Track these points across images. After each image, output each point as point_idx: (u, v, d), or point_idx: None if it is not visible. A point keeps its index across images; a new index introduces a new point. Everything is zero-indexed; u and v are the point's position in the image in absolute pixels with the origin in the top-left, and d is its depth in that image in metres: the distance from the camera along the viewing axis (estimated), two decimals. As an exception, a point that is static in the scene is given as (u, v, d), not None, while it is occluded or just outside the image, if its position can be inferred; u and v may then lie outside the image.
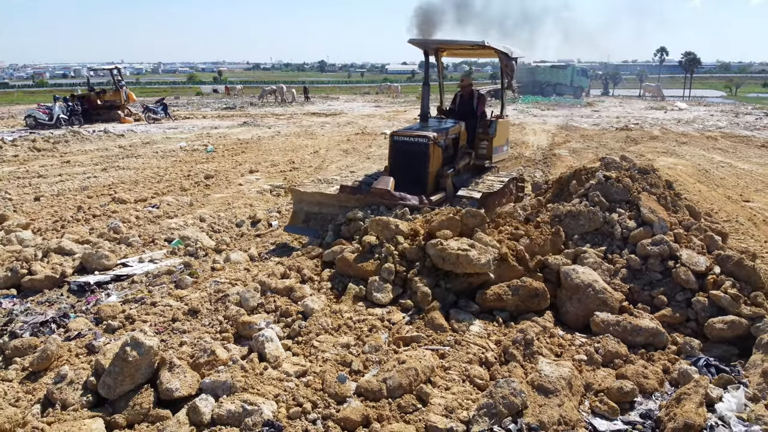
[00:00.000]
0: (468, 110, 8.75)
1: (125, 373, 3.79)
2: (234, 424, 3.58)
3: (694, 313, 5.02)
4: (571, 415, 3.85)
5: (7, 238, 7.43)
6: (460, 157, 8.26)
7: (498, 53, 8.29)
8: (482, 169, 8.72)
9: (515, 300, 5.13)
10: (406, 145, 7.52)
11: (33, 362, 4.41)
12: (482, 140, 8.68)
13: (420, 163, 7.40)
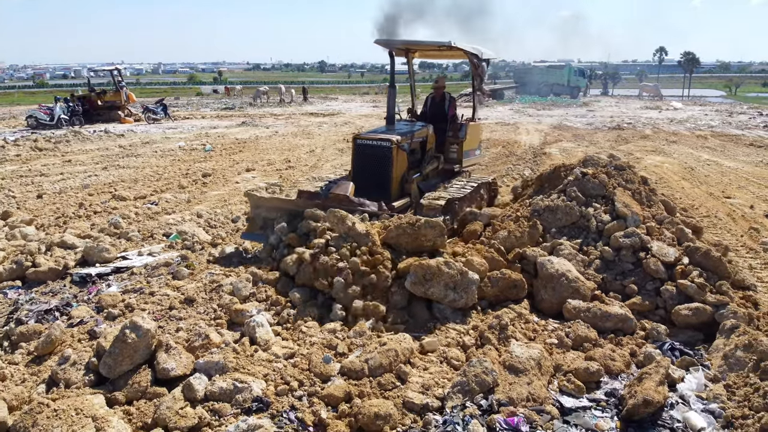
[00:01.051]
0: (439, 113, 8.53)
1: (124, 354, 4.08)
2: (225, 400, 3.87)
3: (662, 301, 5.31)
4: (539, 392, 4.13)
5: (11, 233, 7.72)
6: (428, 161, 8.02)
7: (467, 54, 8.10)
8: (452, 173, 8.49)
9: (494, 291, 5.42)
10: (369, 149, 7.28)
11: (38, 347, 4.69)
12: (452, 144, 8.45)
13: (383, 168, 7.17)
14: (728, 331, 4.76)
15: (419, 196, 7.42)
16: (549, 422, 3.91)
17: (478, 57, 8.21)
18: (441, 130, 8.37)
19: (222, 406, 3.82)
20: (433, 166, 8.17)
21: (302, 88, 48.71)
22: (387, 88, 8.23)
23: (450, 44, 7.67)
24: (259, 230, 6.72)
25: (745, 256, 7.02)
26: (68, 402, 3.64)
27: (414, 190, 7.52)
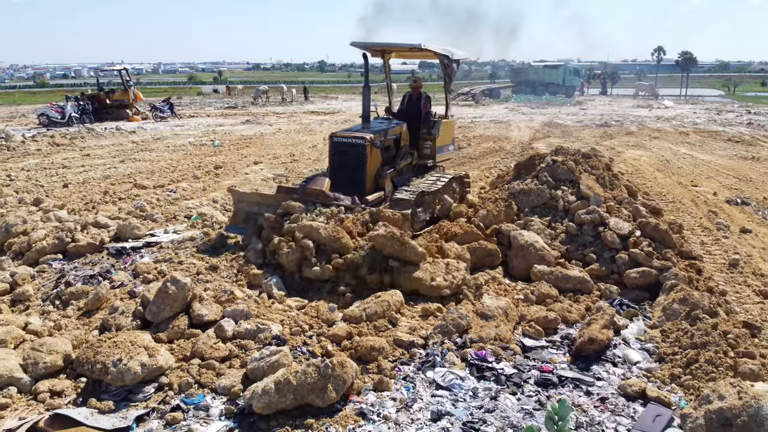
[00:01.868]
0: (415, 111, 8.76)
1: (166, 303, 4.96)
2: (250, 338, 4.75)
3: (616, 267, 6.19)
4: (505, 334, 5.02)
5: (46, 217, 8.57)
6: (401, 157, 8.26)
7: (437, 55, 8.42)
8: (426, 168, 8.77)
9: (473, 258, 6.28)
10: (345, 146, 7.56)
11: (87, 303, 5.57)
12: (426, 140, 8.71)
13: (358, 164, 7.45)
14: (668, 289, 5.64)
15: (393, 190, 7.77)
16: (512, 356, 4.79)
17: (448, 58, 8.56)
18: (416, 127, 8.66)
19: (247, 342, 4.71)
20: (407, 161, 8.45)
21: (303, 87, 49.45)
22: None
23: (420, 46, 8.09)
24: (242, 223, 7.04)
25: (700, 234, 7.89)
26: (123, 336, 4.52)
27: (388, 184, 7.82)
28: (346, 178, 7.45)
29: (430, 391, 4.30)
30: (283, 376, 3.91)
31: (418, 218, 7.43)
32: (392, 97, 9.81)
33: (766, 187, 10.90)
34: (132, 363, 4.17)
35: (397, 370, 4.55)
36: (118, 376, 4.13)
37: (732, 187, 10.95)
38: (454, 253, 6.20)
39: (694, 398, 4.10)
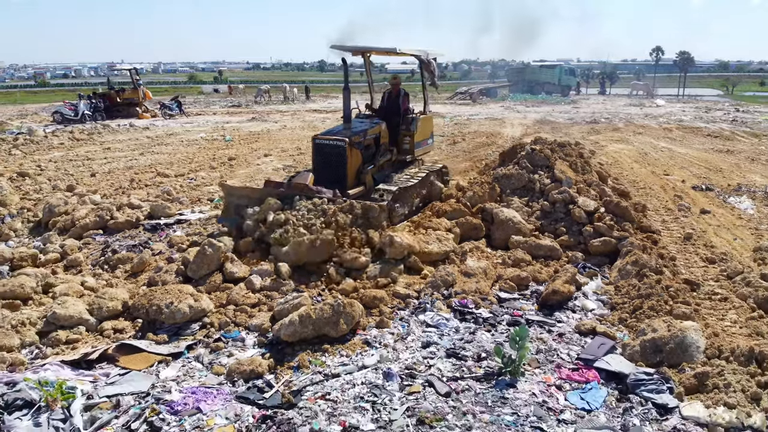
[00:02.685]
0: (394, 107, 9.01)
1: (204, 262, 5.93)
2: (274, 290, 5.71)
3: (583, 238, 7.15)
4: (484, 288, 5.99)
5: (82, 200, 9.52)
6: (381, 154, 8.54)
7: (414, 56, 8.92)
8: (405, 163, 9.06)
9: (461, 231, 7.25)
10: (326, 147, 7.88)
11: (133, 266, 6.54)
12: (405, 136, 8.98)
13: (339, 163, 7.77)
14: (624, 254, 6.61)
15: (374, 185, 8.12)
16: (489, 305, 5.76)
17: (421, 58, 8.93)
18: (395, 123, 8.91)
19: (272, 293, 5.68)
20: (387, 158, 8.70)
21: (305, 87, 50.26)
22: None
23: (395, 50, 8.50)
24: (232, 215, 7.41)
25: (663, 214, 8.84)
26: (171, 287, 5.49)
27: (369, 180, 8.16)
28: (329, 176, 7.75)
29: (421, 329, 5.28)
30: (304, 311, 4.88)
31: (396, 212, 7.81)
32: (374, 94, 10.02)
33: (733, 176, 11.85)
34: (181, 305, 5.14)
35: (395, 314, 5.52)
36: (171, 315, 5.11)
37: (702, 176, 11.90)
38: (444, 227, 7.17)
39: (635, 334, 5.07)
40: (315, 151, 8.11)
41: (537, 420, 3.91)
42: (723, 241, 7.62)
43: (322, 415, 3.95)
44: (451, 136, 18.26)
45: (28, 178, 11.60)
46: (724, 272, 6.40)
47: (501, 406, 4.07)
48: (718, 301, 5.71)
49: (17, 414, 3.87)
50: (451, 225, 7.21)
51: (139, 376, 4.45)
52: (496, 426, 3.83)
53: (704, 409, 4.02)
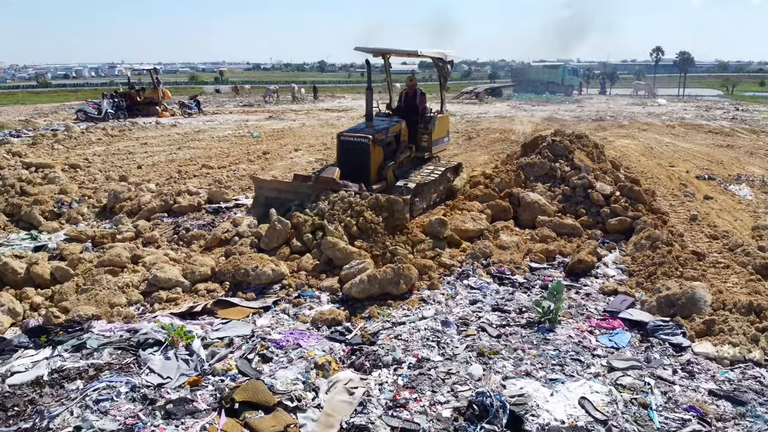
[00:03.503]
0: (412, 107, 9.27)
1: (274, 236, 6.76)
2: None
3: (601, 218, 7.97)
4: (517, 259, 6.82)
5: (139, 188, 10.37)
6: (401, 151, 8.81)
7: (432, 59, 9.24)
8: (423, 160, 9.32)
9: (492, 213, 8.07)
10: (351, 144, 8.15)
11: (208, 241, 7.37)
12: (423, 134, 9.26)
13: (362, 159, 8.04)
14: (638, 231, 7.43)
15: (395, 180, 8.43)
16: (523, 273, 6.59)
17: (442, 60, 9.31)
18: (413, 122, 9.19)
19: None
20: (406, 155, 8.98)
21: (313, 87, 50.95)
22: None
23: (417, 52, 8.83)
24: (262, 207, 7.72)
25: (670, 199, 9.66)
26: (253, 254, 6.33)
27: (390, 176, 8.47)
28: (353, 171, 7.98)
29: (467, 291, 6.11)
30: (371, 273, 5.73)
31: (416, 207, 8.20)
32: (392, 94, 10.38)
33: (733, 168, 12.67)
34: (265, 268, 5.99)
35: (442, 279, 6.36)
36: (256, 277, 5.95)
37: (704, 167, 12.72)
38: (477, 209, 8.00)
39: (651, 293, 5.90)
40: (340, 147, 8.38)
41: (575, 354, 4.75)
42: (724, 221, 8.44)
43: (398, 349, 4.79)
44: (465, 133, 19.09)
45: (80, 170, 12.44)
46: (726, 245, 7.22)
47: (544, 345, 4.90)
48: (722, 268, 6.52)
49: (149, 350, 4.71)
50: (483, 207, 8.05)
51: (239, 324, 5.29)
52: (543, 357, 4.67)
53: (712, 347, 4.86)
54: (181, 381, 4.25)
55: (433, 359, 4.67)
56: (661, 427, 3.79)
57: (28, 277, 6.30)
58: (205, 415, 3.81)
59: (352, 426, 3.80)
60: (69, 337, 5.05)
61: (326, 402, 4.06)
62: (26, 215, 9.07)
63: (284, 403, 3.97)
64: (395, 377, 4.42)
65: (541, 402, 4.06)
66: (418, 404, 4.05)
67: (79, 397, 4.00)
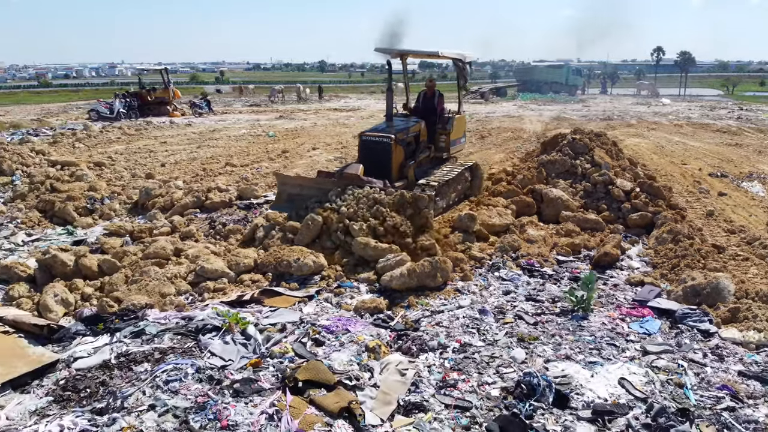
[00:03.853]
0: (430, 107, 9.33)
1: (307, 231, 7.00)
2: (372, 252, 6.81)
3: (622, 213, 8.22)
4: (545, 252, 7.07)
5: (167, 185, 10.63)
6: (421, 151, 8.88)
7: (453, 60, 9.29)
8: (441, 160, 9.38)
9: (516, 208, 8.32)
10: (373, 144, 8.22)
11: (244, 235, 7.63)
12: (441, 134, 9.29)
13: (384, 159, 8.11)
14: (659, 225, 7.68)
15: (415, 179, 8.49)
16: (551, 265, 6.84)
17: (462, 61, 9.35)
18: (431, 122, 9.23)
19: (371, 253, 6.77)
20: (425, 154, 9.06)
21: (318, 87, 51.15)
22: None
23: (438, 53, 8.86)
24: (285, 203, 7.76)
25: (686, 195, 9.90)
26: (294, 247, 6.59)
27: (411, 175, 8.55)
28: (375, 170, 7.98)
29: (498, 282, 6.37)
30: (410, 267, 5.99)
31: (437, 206, 8.24)
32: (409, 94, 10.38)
33: (743, 166, 12.90)
34: (307, 260, 6.25)
35: (474, 271, 6.61)
36: (299, 268, 6.21)
37: (715, 165, 12.95)
38: (502, 204, 8.25)
39: (676, 283, 6.14)
40: (362, 146, 8.47)
41: (610, 339, 5.00)
42: (740, 217, 8.68)
43: (441, 335, 5.04)
44: (477, 132, 19.34)
45: (105, 168, 12.72)
46: (744, 239, 7.47)
47: (580, 331, 5.16)
48: (741, 260, 6.76)
49: (207, 336, 4.97)
50: (507, 203, 8.30)
51: (287, 311, 5.55)
52: (580, 342, 4.92)
53: (738, 332, 5.10)
54: (242, 363, 4.51)
55: (475, 344, 4.92)
56: (697, 404, 4.04)
57: (76, 269, 6.55)
58: (270, 394, 4.06)
59: (408, 403, 4.05)
60: (126, 325, 5.31)
61: (381, 381, 4.31)
62: (60, 211, 9.34)
63: (343, 382, 4.22)
64: (441, 360, 4.67)
65: (583, 382, 4.32)
66: (466, 384, 4.30)
67: (149, 378, 4.25)
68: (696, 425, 3.77)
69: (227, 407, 3.89)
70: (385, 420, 3.88)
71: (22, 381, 4.48)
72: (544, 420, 3.86)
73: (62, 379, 4.45)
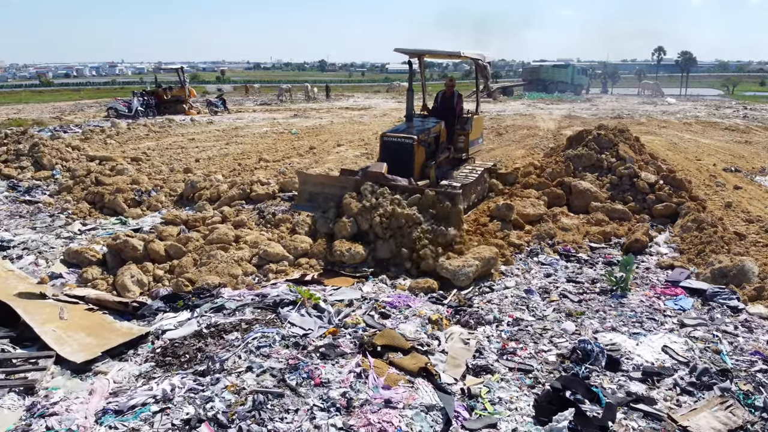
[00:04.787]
0: (448, 108, 9.25)
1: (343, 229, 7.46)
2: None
3: (647, 204, 8.67)
4: (578, 240, 7.53)
5: (209, 179, 11.11)
6: (441, 151, 8.84)
7: (474, 60, 9.23)
8: (460, 160, 9.35)
9: (548, 199, 8.78)
10: (395, 144, 8.20)
11: (293, 225, 8.10)
12: (460, 135, 9.22)
13: (407, 159, 8.08)
14: (683, 215, 8.14)
15: (436, 180, 8.40)
16: (585, 251, 7.30)
17: (481, 61, 9.31)
18: (450, 122, 9.15)
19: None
20: (445, 155, 9.02)
21: (326, 86, 51.54)
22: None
23: (459, 54, 8.79)
24: (306, 202, 7.80)
25: (704, 189, 10.35)
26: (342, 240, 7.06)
27: (432, 175, 8.47)
28: (397, 171, 7.90)
29: (538, 266, 6.83)
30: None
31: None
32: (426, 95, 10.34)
33: (755, 162, 13.35)
34: (358, 248, 6.72)
35: (514, 256, 7.07)
36: (351, 257, 6.67)
37: (728, 161, 13.40)
38: (534, 196, 8.72)
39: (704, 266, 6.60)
40: (383, 147, 8.42)
41: (649, 314, 5.47)
42: (756, 208, 9.13)
43: (494, 310, 5.52)
44: (493, 129, 19.80)
45: (142, 163, 13.21)
46: (762, 227, 7.92)
47: (621, 307, 5.62)
48: (761, 246, 7.21)
49: (285, 308, 5.44)
50: (539, 194, 8.76)
51: (348, 290, 6.03)
52: (623, 316, 5.39)
53: (764, 308, 5.57)
54: (321, 332, 4.98)
55: (526, 319, 5.40)
56: (734, 366, 4.50)
57: (145, 253, 7.04)
58: (352, 357, 4.54)
59: (476, 366, 4.53)
60: (204, 302, 5.80)
61: (449, 348, 4.79)
62: (110, 203, 9.83)
63: (416, 347, 4.70)
64: (498, 332, 5.14)
65: (630, 349, 4.79)
66: (524, 352, 4.78)
67: (242, 344, 4.73)
68: (735, 383, 4.24)
69: (317, 367, 4.37)
70: (457, 379, 4.36)
71: (117, 351, 4.97)
72: (599, 380, 4.33)
73: (158, 347, 4.92)
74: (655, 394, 4.15)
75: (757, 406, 4.00)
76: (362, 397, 3.99)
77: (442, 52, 9.05)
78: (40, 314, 5.44)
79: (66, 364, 4.69)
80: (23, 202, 10.49)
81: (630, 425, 3.79)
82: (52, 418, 3.97)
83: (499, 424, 3.80)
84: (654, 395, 4.14)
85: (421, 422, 3.77)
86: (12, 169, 12.63)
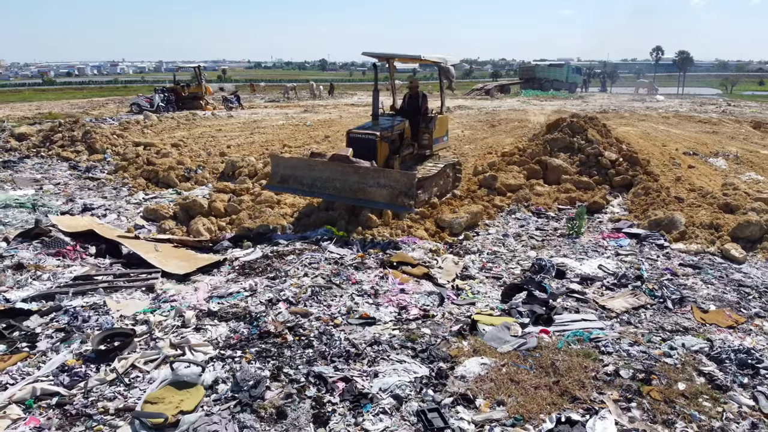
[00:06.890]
0: (414, 108, 9.52)
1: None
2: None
3: (608, 178, 10.44)
4: (549, 203, 9.31)
5: (245, 161, 12.87)
6: (405, 148, 9.13)
7: (435, 63, 9.23)
8: (425, 157, 9.64)
9: (527, 174, 10.55)
10: (360, 141, 8.50)
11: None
12: (424, 133, 9.52)
13: (369, 154, 8.34)
14: (636, 184, 9.90)
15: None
16: (554, 211, 9.08)
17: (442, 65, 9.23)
18: (416, 122, 9.40)
19: (421, 201, 9.04)
20: (409, 151, 9.30)
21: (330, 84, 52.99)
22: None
23: (420, 57, 9.05)
24: (277, 183, 8.17)
25: (661, 167, 12.03)
26: (365, 196, 8.86)
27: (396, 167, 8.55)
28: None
29: (515, 221, 8.61)
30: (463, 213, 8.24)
31: (419, 198, 8.49)
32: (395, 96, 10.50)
33: (714, 147, 15.07)
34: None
35: (497, 214, 8.85)
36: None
37: (690, 147, 15.12)
38: (515, 170, 10.50)
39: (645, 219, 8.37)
40: (349, 142, 8.69)
41: (594, 248, 7.25)
42: (701, 182, 10.84)
43: (478, 244, 7.31)
44: (488, 122, 21.54)
45: (182, 147, 14.98)
46: (700, 194, 9.68)
47: (574, 245, 7.41)
48: (695, 207, 8.97)
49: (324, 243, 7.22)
50: (520, 170, 10.53)
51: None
52: (575, 249, 7.18)
53: (684, 245, 7.35)
54: (352, 256, 6.77)
55: (501, 251, 7.19)
56: (648, 277, 6.28)
57: (209, 209, 8.84)
58: (375, 269, 6.33)
59: (463, 275, 6.33)
60: (263, 240, 7.59)
61: (443, 265, 6.59)
62: (164, 178, 11.63)
63: (421, 264, 6.49)
64: (480, 259, 6.94)
65: (575, 266, 6.58)
66: (498, 269, 6.57)
67: (298, 262, 6.52)
68: (645, 284, 6.02)
69: (354, 274, 6.16)
70: (450, 281, 6.15)
71: (206, 269, 6.72)
72: (549, 283, 6.12)
73: (236, 266, 6.70)
74: (588, 291, 5.95)
75: (656, 296, 5.79)
76: (385, 288, 5.79)
77: (405, 55, 9.48)
78: (140, 249, 7.20)
79: (170, 279, 6.43)
80: (87, 178, 12.26)
81: (565, 304, 5.58)
82: (173, 302, 5.75)
83: (477, 303, 5.59)
84: (586, 291, 5.93)
85: (424, 300, 5.57)
86: (69, 153, 14.41)
